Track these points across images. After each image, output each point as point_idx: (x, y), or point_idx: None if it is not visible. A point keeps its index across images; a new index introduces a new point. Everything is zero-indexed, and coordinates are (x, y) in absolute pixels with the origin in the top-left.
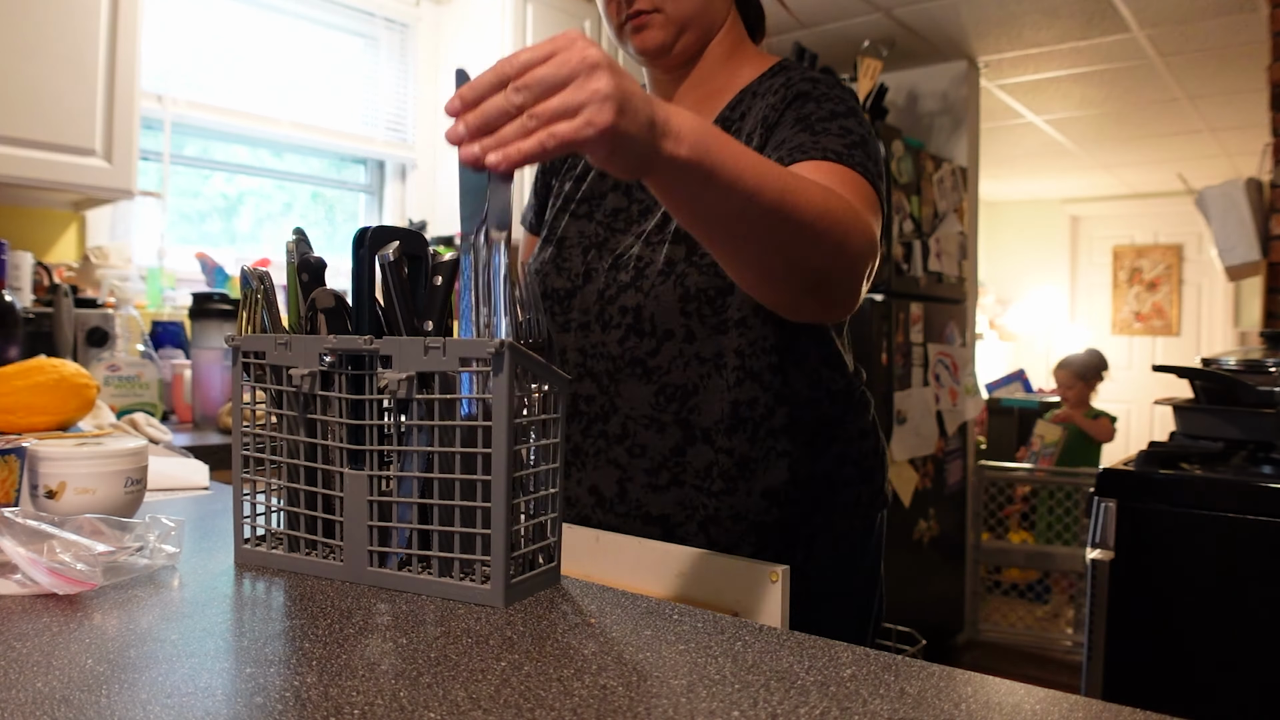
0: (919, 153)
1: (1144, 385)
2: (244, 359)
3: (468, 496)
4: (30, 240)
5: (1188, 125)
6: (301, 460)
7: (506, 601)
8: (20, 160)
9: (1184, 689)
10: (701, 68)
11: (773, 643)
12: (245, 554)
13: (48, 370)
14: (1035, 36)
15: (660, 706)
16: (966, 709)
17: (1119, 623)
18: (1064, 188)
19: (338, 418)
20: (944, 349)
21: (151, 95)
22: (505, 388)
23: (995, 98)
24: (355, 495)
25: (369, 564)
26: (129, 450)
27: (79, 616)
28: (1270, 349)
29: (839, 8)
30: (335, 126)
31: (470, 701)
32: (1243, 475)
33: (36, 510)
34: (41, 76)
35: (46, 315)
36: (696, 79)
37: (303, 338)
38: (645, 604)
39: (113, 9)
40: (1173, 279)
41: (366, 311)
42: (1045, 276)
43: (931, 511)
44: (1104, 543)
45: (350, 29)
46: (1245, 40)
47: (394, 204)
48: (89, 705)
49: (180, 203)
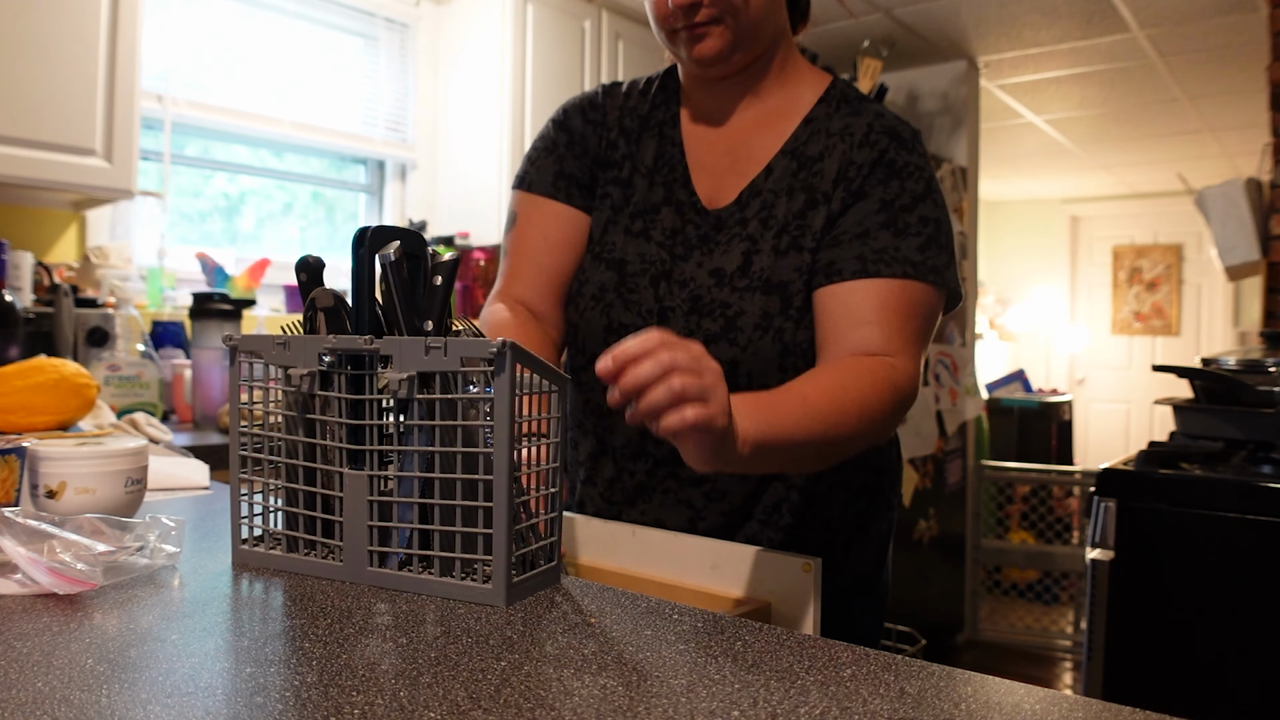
0: None
1: (1144, 385)
2: (242, 359)
3: (468, 496)
4: (30, 240)
5: (1188, 125)
6: (301, 460)
7: (508, 601)
8: (20, 160)
9: (1184, 689)
10: (755, 78)
11: (773, 643)
12: (243, 554)
13: (48, 370)
14: (1035, 36)
15: (660, 706)
16: (966, 709)
17: (1119, 623)
18: (1064, 188)
19: (337, 418)
20: (944, 349)
21: (151, 95)
22: (506, 388)
23: (995, 98)
24: (355, 495)
25: (369, 564)
26: (129, 450)
27: (79, 616)
28: (1270, 349)
29: (839, 8)
30: (335, 126)
31: (470, 701)
32: (1243, 475)
33: (37, 510)
34: (42, 76)
35: (47, 315)
36: (751, 91)
37: (302, 337)
38: (645, 604)
39: (113, 9)
40: (1173, 279)
41: (366, 311)
42: (1045, 276)
43: (931, 511)
44: (1104, 543)
45: (350, 29)
46: (1245, 40)
47: (394, 204)
48: (89, 705)
49: (181, 202)
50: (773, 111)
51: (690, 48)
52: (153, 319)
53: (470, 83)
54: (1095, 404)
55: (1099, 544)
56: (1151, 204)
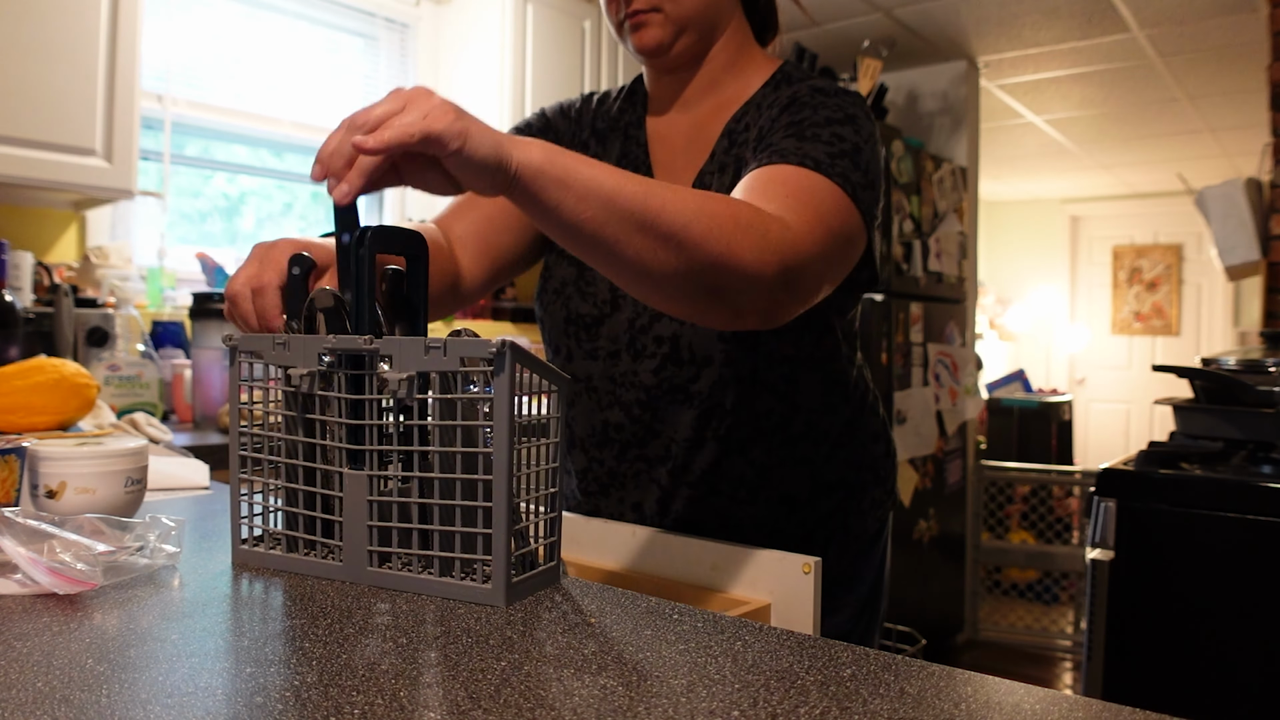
0: (919, 153)
1: (1144, 385)
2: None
3: (468, 496)
4: (30, 240)
5: (1188, 125)
6: (301, 460)
7: (508, 601)
8: (20, 160)
9: (1184, 689)
10: (708, 71)
11: (773, 643)
12: (243, 554)
13: (48, 370)
14: (1035, 36)
15: (660, 706)
16: (966, 709)
17: (1119, 623)
18: (1064, 188)
19: (337, 418)
20: (944, 349)
21: (151, 95)
22: (506, 388)
23: (995, 98)
24: (355, 495)
25: (369, 564)
26: (129, 450)
27: (79, 616)
28: (1270, 349)
29: (839, 8)
30: (335, 126)
31: (470, 701)
32: (1243, 475)
33: (37, 510)
34: (42, 76)
35: (47, 315)
36: (706, 83)
37: (302, 337)
38: (645, 604)
39: (113, 9)
40: (1173, 279)
41: (366, 311)
42: (1045, 276)
43: (931, 511)
44: (1104, 543)
45: (350, 29)
46: (1245, 40)
47: (394, 204)
48: (89, 705)
49: (181, 202)
50: (726, 102)
51: (632, 37)
52: (153, 319)
53: (470, 83)
54: (1095, 404)
55: (1099, 544)
56: (1151, 204)
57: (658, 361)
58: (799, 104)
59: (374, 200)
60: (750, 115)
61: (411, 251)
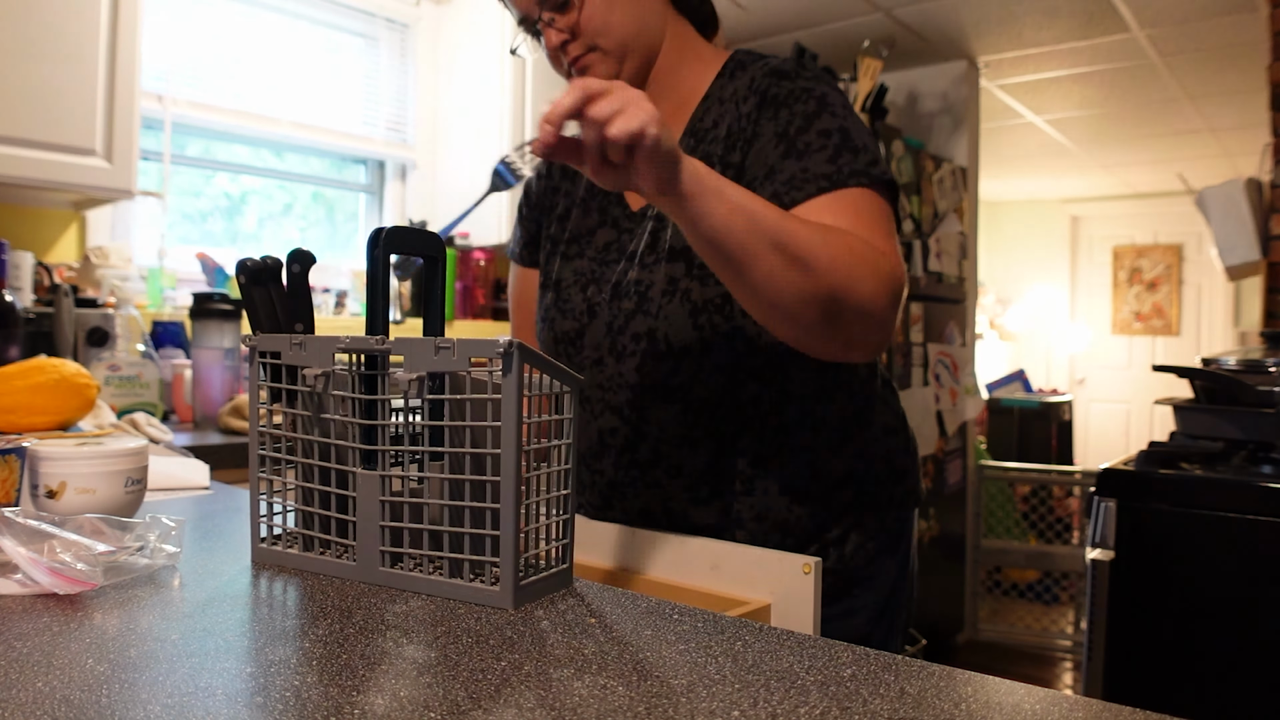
0: (919, 153)
1: (1144, 385)
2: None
3: (478, 498)
4: (30, 240)
5: (1188, 125)
6: (315, 460)
7: (516, 603)
8: (20, 160)
9: (1184, 689)
10: (658, 76)
11: (773, 643)
12: (262, 553)
13: (48, 370)
14: (1035, 36)
15: (660, 706)
16: (966, 709)
17: (1119, 623)
18: (1064, 188)
19: (351, 417)
20: (944, 349)
21: (152, 95)
22: (514, 388)
23: (995, 98)
24: (368, 495)
25: (381, 564)
26: (129, 450)
27: (79, 616)
28: (1270, 349)
29: (839, 8)
30: (335, 126)
31: (470, 701)
32: (1243, 475)
33: (37, 510)
34: (42, 76)
35: (47, 315)
36: (660, 89)
37: (317, 338)
38: (645, 604)
39: (113, 9)
40: (1173, 279)
41: (380, 310)
42: (1045, 276)
43: (931, 511)
44: (1104, 543)
45: (350, 29)
46: (1245, 40)
47: (394, 204)
48: (89, 705)
49: (182, 202)
50: (683, 101)
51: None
52: (153, 319)
53: (470, 83)
54: (1095, 404)
55: (1099, 544)
56: (1151, 204)
57: (639, 359)
58: (771, 102)
59: (374, 200)
60: (713, 110)
61: (429, 252)
